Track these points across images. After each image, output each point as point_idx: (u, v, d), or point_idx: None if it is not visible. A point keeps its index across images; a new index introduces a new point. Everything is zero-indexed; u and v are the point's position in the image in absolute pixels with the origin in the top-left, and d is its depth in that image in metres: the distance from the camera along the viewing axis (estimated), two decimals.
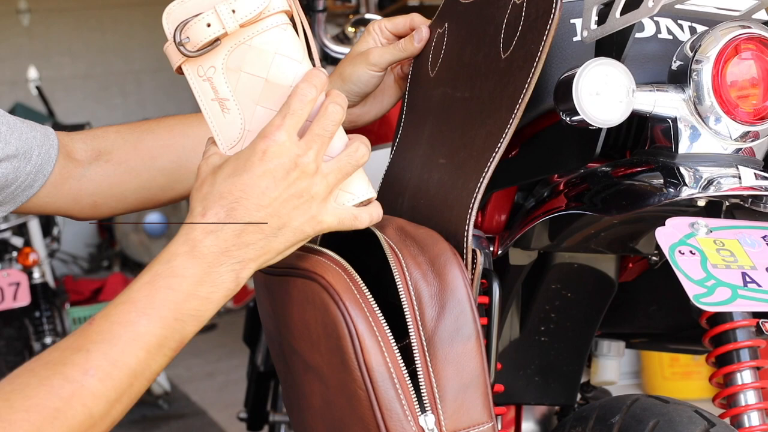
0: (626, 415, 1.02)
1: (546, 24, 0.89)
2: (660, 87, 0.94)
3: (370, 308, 0.84)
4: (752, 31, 0.93)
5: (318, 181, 0.83)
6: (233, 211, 0.81)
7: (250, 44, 0.85)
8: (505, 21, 0.95)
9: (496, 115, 0.93)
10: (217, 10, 0.84)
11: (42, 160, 1.08)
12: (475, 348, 0.85)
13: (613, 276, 1.21)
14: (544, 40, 0.89)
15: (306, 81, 0.84)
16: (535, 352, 1.26)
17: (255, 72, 0.86)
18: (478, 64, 0.99)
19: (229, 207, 0.81)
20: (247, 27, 0.85)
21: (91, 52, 6.45)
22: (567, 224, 1.06)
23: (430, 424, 0.83)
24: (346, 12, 2.28)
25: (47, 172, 1.09)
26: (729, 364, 1.02)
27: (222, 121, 0.87)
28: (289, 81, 0.85)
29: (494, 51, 0.96)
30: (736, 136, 0.94)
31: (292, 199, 0.82)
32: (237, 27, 0.85)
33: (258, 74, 0.86)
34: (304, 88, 0.83)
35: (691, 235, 0.91)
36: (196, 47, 0.85)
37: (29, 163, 1.07)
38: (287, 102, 0.83)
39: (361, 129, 1.14)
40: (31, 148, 1.07)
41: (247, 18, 0.84)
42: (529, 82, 0.90)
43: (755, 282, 0.88)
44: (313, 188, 0.83)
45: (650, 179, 0.95)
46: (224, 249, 0.81)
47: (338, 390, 0.86)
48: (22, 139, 1.06)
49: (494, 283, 0.97)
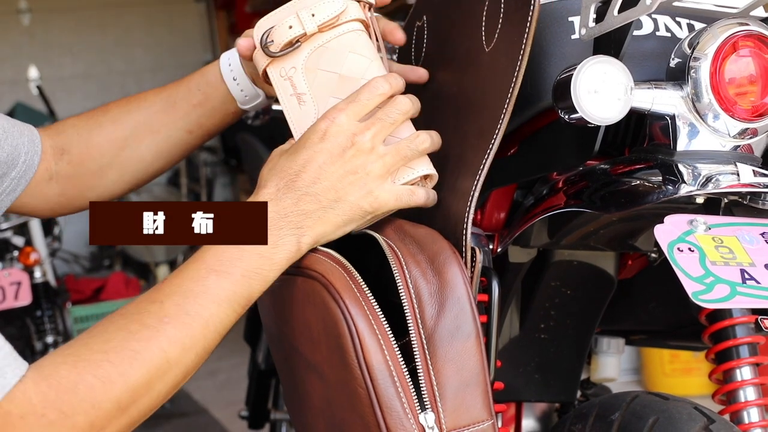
0: (626, 412, 1.02)
1: (527, 15, 0.89)
2: (658, 84, 0.94)
3: (370, 307, 0.84)
4: (750, 28, 0.93)
5: (374, 159, 0.89)
6: (293, 183, 0.88)
7: (327, 46, 0.94)
8: (485, 12, 0.95)
9: (486, 110, 0.92)
10: (299, 14, 0.94)
11: (26, 166, 1.09)
12: (474, 346, 0.85)
13: (612, 273, 1.22)
14: (526, 32, 0.88)
15: (383, 77, 0.91)
16: (534, 350, 1.26)
17: (331, 69, 0.93)
18: (461, 57, 0.98)
19: (288, 179, 0.88)
20: (325, 31, 0.94)
21: (92, 51, 6.44)
22: (566, 222, 1.06)
23: (430, 421, 0.83)
24: None
25: (29, 177, 1.10)
26: (728, 360, 1.03)
27: (298, 113, 0.95)
28: (360, 74, 0.92)
29: (477, 44, 0.95)
30: (734, 133, 0.94)
31: (347, 175, 0.89)
32: (315, 29, 0.93)
33: (333, 70, 0.93)
34: (378, 81, 0.91)
35: (689, 232, 0.91)
36: (279, 47, 0.94)
37: (14, 169, 1.08)
38: (357, 91, 0.91)
39: None
40: (19, 154, 1.08)
41: (324, 20, 0.93)
42: (516, 76, 0.89)
43: (754, 279, 0.88)
44: (368, 165, 0.89)
45: (649, 177, 0.95)
46: (283, 215, 0.87)
47: (338, 388, 0.86)
48: (12, 145, 1.07)
49: (494, 280, 0.97)
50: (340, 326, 0.83)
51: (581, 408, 1.11)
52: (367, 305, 0.84)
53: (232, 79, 1.11)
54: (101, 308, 4.52)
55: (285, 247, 0.87)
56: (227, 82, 1.11)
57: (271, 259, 0.87)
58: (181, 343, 0.81)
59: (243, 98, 1.12)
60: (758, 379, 1.02)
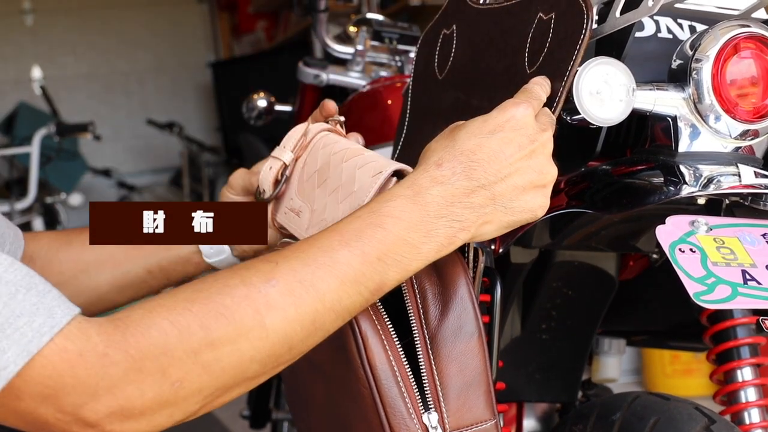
0: (627, 412, 1.02)
1: (576, 43, 0.87)
2: (660, 86, 0.95)
3: (373, 307, 0.84)
4: (751, 30, 0.93)
5: (549, 166, 0.82)
6: (471, 170, 0.79)
7: (307, 161, 0.99)
8: (531, 35, 0.93)
9: None
10: (271, 156, 1.01)
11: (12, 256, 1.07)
12: (477, 346, 0.85)
13: (613, 274, 1.22)
14: (573, 59, 0.87)
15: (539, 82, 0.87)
16: (536, 350, 1.26)
17: (311, 171, 0.97)
18: (498, 74, 0.97)
19: (468, 164, 0.79)
20: (301, 155, 1.00)
21: (95, 52, 6.44)
22: (568, 222, 1.06)
23: (434, 421, 0.83)
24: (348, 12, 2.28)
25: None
26: (729, 361, 1.03)
27: (298, 222, 0.98)
28: (340, 157, 0.93)
29: (518, 64, 0.93)
30: (735, 134, 0.94)
31: (535, 177, 0.81)
32: (291, 154, 1.00)
33: (312, 170, 0.97)
34: (542, 80, 0.86)
35: (691, 233, 0.91)
36: (270, 188, 1.01)
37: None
38: (527, 88, 0.85)
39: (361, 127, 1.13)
40: (4, 242, 1.06)
41: (294, 143, 1.00)
42: (557, 101, 0.87)
43: (755, 280, 0.88)
44: (545, 168, 0.82)
45: (650, 178, 0.95)
46: (450, 202, 0.78)
47: (342, 388, 0.86)
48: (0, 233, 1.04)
49: (496, 281, 0.97)
50: (343, 327, 0.83)
51: (582, 408, 1.11)
52: (371, 306, 0.83)
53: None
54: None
55: (437, 239, 0.78)
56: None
57: (417, 248, 0.77)
58: (283, 311, 0.72)
59: (209, 251, 1.09)
60: (759, 380, 1.02)
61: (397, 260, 0.77)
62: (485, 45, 1.00)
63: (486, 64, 1.00)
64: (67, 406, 0.68)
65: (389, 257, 0.77)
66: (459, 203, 0.78)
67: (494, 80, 0.97)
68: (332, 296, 0.75)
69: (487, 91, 0.98)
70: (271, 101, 2.07)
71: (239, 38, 6.67)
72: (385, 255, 0.77)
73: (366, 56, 1.90)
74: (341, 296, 0.75)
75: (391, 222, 0.77)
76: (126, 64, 6.50)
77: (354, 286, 0.76)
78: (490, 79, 0.98)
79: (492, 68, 0.98)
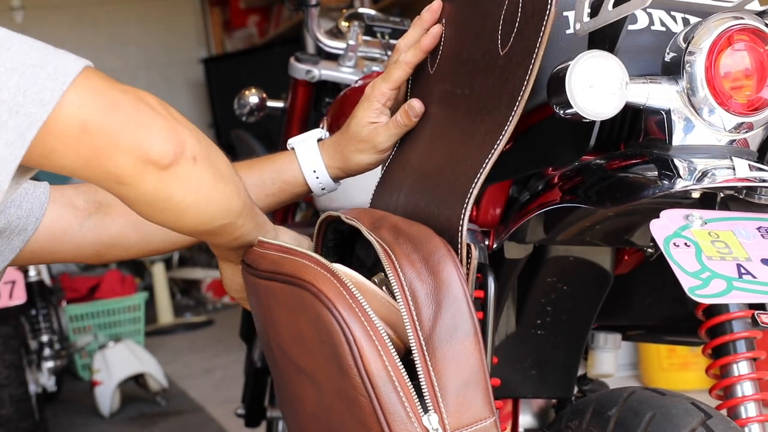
0: (623, 407, 1.02)
1: (542, 19, 0.89)
2: (653, 79, 0.94)
3: (364, 312, 0.82)
4: (745, 22, 0.92)
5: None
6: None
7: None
8: (502, 17, 0.95)
9: (495, 111, 0.93)
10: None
11: (32, 204, 1.09)
12: (473, 344, 0.85)
13: (608, 269, 1.21)
14: (540, 35, 0.88)
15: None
16: (531, 346, 1.26)
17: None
18: (477, 60, 0.98)
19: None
20: None
21: (86, 48, 6.42)
22: (562, 217, 1.05)
23: (434, 423, 0.82)
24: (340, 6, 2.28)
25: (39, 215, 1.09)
26: (725, 355, 1.03)
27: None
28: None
29: (492, 47, 0.95)
30: (729, 127, 0.94)
31: None
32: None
33: None
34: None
35: (685, 227, 0.91)
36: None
37: (20, 208, 1.08)
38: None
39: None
40: (25, 192, 1.08)
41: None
42: (527, 79, 0.89)
43: (750, 273, 0.88)
44: None
45: (644, 171, 0.94)
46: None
47: (336, 395, 0.85)
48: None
49: (490, 277, 0.97)
50: (335, 336, 0.82)
51: (578, 404, 1.11)
52: (361, 311, 0.82)
53: (312, 171, 1.13)
54: (96, 306, 4.51)
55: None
56: (306, 175, 1.13)
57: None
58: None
59: (320, 191, 1.14)
60: (755, 374, 1.02)
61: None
62: (466, 33, 1.02)
63: (468, 53, 1.01)
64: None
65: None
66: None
67: (474, 67, 0.98)
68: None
69: (468, 79, 0.99)
70: (263, 97, 2.06)
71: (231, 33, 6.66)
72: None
73: (358, 51, 1.89)
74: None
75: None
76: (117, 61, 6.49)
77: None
78: (471, 67, 0.99)
79: (472, 55, 1.00)
